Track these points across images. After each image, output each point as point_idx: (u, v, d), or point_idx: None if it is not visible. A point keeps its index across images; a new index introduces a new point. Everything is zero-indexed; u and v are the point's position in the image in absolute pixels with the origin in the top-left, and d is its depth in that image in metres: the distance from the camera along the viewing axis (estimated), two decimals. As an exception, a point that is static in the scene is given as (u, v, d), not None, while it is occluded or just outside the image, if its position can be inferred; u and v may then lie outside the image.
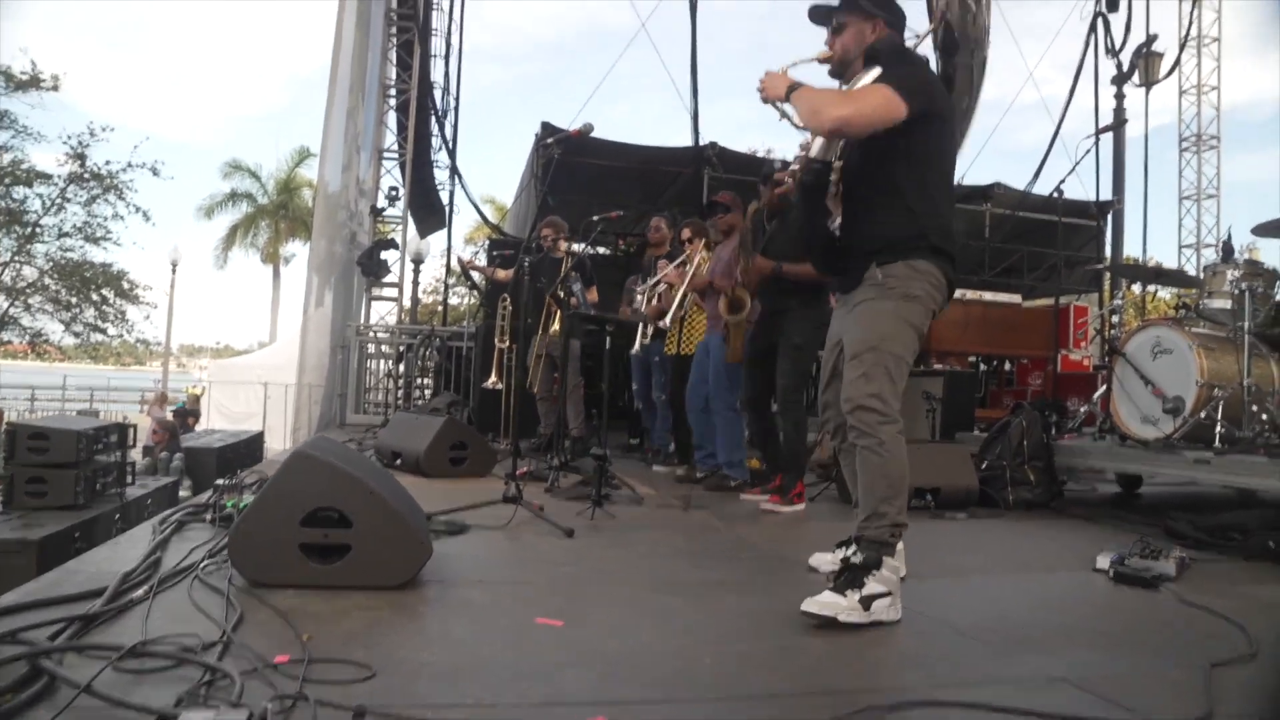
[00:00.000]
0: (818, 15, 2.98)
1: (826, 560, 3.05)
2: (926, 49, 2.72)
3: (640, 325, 5.96)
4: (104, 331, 19.34)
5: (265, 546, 2.51)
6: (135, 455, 7.22)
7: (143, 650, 1.90)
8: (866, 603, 2.47)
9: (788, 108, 2.71)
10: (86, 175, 17.53)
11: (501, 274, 7.51)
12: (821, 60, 2.93)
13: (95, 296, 18.76)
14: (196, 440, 9.32)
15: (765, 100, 2.77)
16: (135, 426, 5.87)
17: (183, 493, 6.84)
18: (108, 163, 17.67)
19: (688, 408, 5.48)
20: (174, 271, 21.78)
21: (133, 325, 19.60)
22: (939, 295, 2.76)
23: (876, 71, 2.73)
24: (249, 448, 8.98)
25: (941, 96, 2.85)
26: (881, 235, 2.78)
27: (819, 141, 2.82)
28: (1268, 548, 3.58)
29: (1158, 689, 2.03)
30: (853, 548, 2.66)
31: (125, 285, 19.10)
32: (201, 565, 2.63)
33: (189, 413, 14.59)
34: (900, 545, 2.69)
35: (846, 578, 2.53)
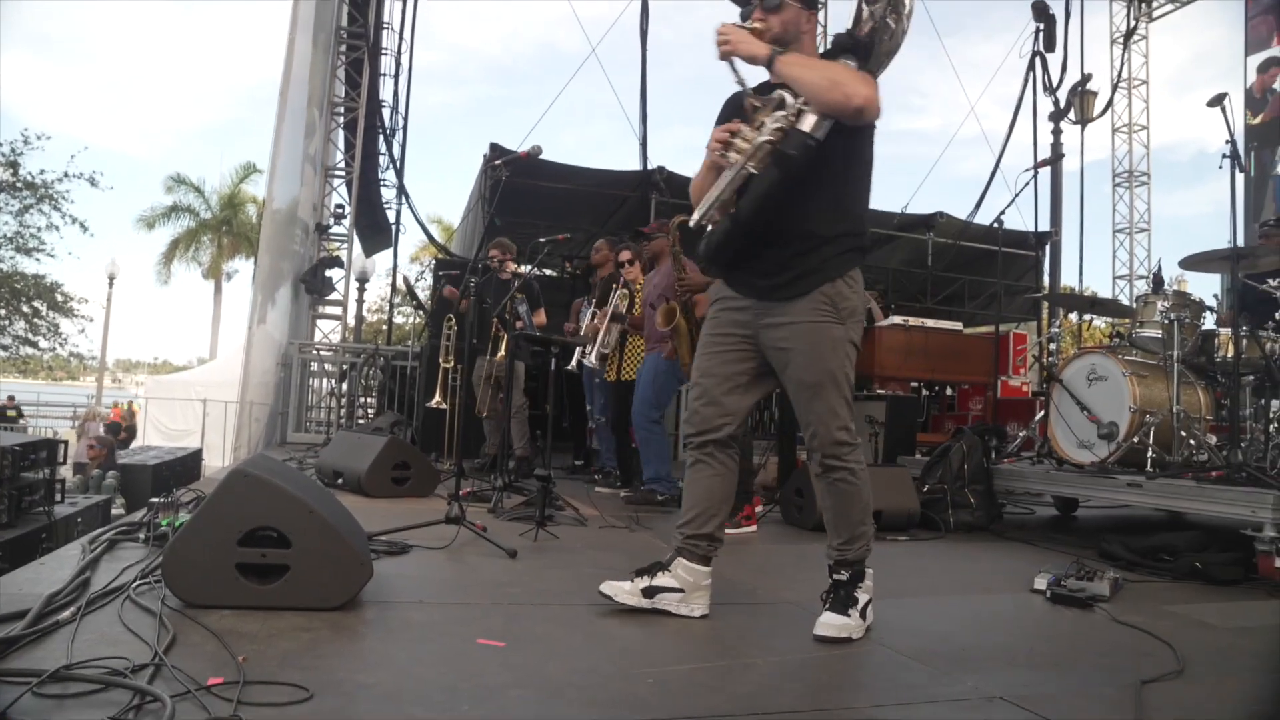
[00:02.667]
0: None
1: (624, 589, 2.77)
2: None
3: (581, 346, 6.01)
4: (35, 345, 18.76)
5: (201, 566, 2.44)
6: (66, 472, 6.99)
7: (66, 674, 1.82)
8: (864, 613, 2.64)
9: (741, 66, 2.52)
10: (19, 184, 17.03)
11: (465, 303, 7.24)
12: (752, 32, 2.59)
13: (26, 309, 18.20)
14: (131, 457, 9.05)
15: (726, 57, 2.52)
16: (66, 442, 5.68)
17: (116, 511, 6.62)
18: (42, 172, 17.22)
19: (634, 425, 5.50)
20: (111, 285, 21.26)
21: (66, 339, 19.08)
22: (865, 301, 2.78)
23: (848, 61, 2.51)
24: (186, 465, 8.74)
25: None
26: (816, 240, 2.61)
27: (813, 118, 2.46)
28: (1195, 568, 3.69)
29: (1091, 705, 2.08)
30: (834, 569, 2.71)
31: (59, 298, 18.59)
32: (133, 585, 2.54)
33: (118, 427, 14.14)
34: None
35: (842, 596, 2.63)
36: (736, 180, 2.56)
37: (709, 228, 2.72)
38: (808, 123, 2.47)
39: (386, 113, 12.21)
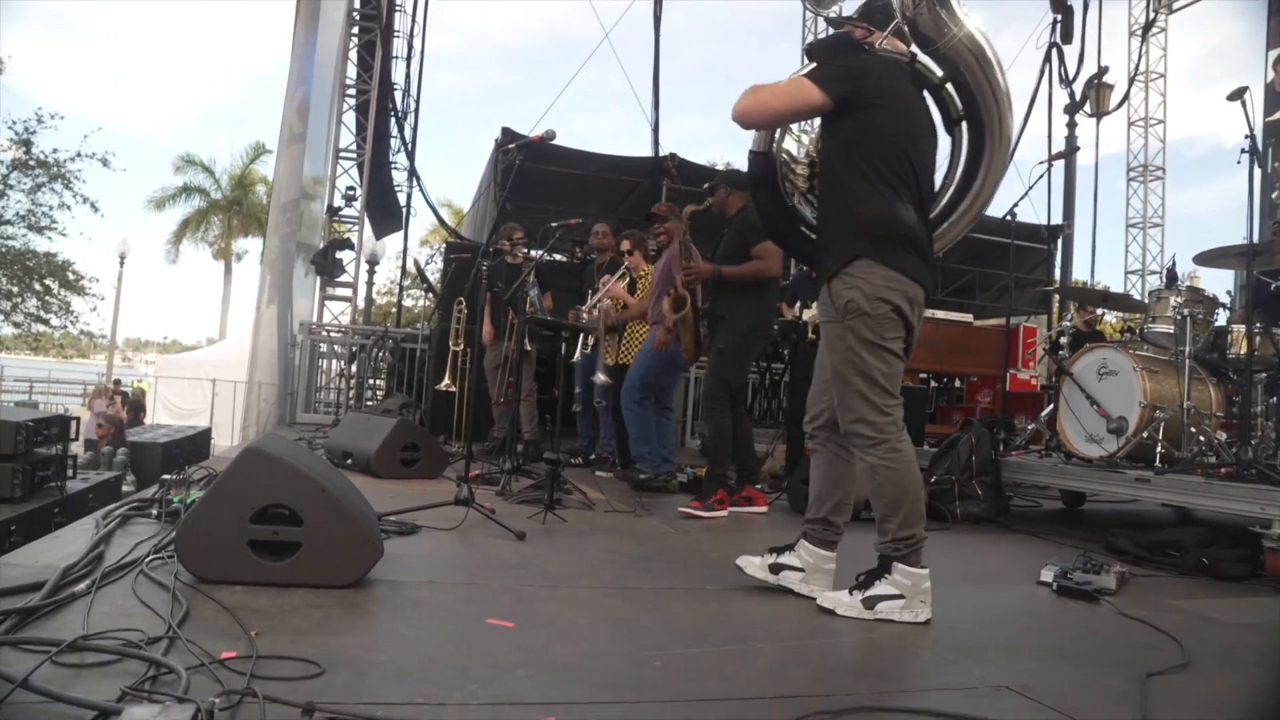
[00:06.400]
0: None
1: (754, 563, 2.94)
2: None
3: (581, 335, 6.00)
4: (46, 322, 18.89)
5: (213, 542, 2.46)
6: (77, 448, 7.04)
7: (84, 644, 1.85)
8: (870, 603, 2.62)
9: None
10: (32, 162, 17.12)
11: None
12: None
13: (38, 286, 18.31)
14: (142, 435, 9.12)
15: None
16: (77, 419, 5.72)
17: (126, 488, 6.68)
18: (55, 151, 17.32)
19: (622, 405, 5.53)
20: (122, 264, 21.32)
21: (77, 317, 19.20)
22: (888, 288, 2.64)
23: (809, 68, 2.84)
24: (195, 444, 8.81)
25: (876, 82, 2.71)
26: (828, 238, 2.82)
27: (754, 133, 2.98)
28: (1201, 564, 3.69)
29: (1096, 697, 2.09)
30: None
31: (70, 276, 18.70)
32: (147, 560, 2.57)
33: (137, 405, 14.23)
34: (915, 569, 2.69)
35: (861, 580, 2.70)
36: None
37: None
38: (752, 139, 3.03)
39: (398, 95, 12.19)
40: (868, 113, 2.69)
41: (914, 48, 2.86)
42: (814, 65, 2.82)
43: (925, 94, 2.92)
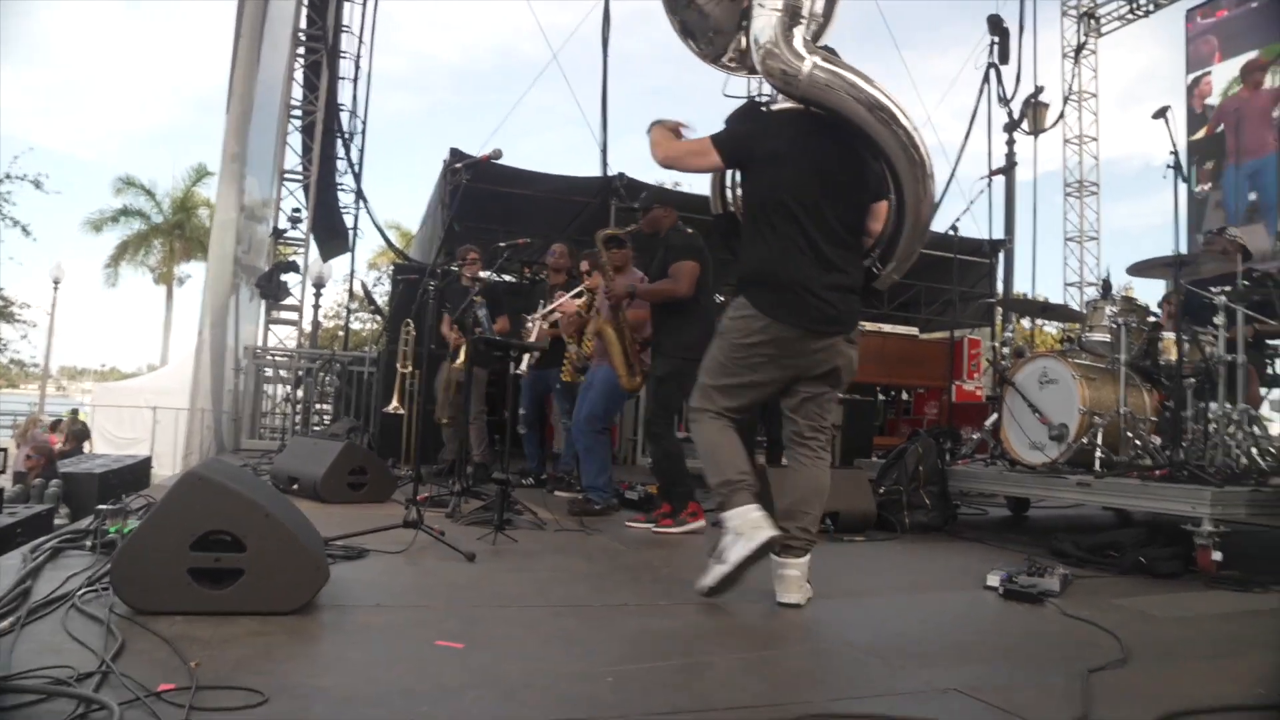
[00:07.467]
0: None
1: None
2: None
3: (526, 353, 5.93)
4: (-28, 351, 18.26)
5: (151, 571, 2.39)
6: (5, 481, 6.81)
7: (5, 685, 1.76)
8: (720, 556, 2.85)
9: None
10: (-44, 185, 16.61)
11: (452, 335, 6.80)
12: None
13: (-37, 314, 17.72)
14: (77, 466, 8.83)
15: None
16: (5, 451, 5.52)
17: (59, 521, 6.45)
18: (-19, 172, 16.79)
19: (577, 433, 5.47)
20: (56, 289, 20.75)
21: (6, 344, 18.62)
22: (747, 323, 3.00)
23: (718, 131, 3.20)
24: (134, 474, 8.56)
25: (753, 145, 3.08)
26: None
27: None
28: (1139, 563, 3.80)
29: (1040, 694, 2.13)
30: None
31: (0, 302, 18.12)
32: (79, 593, 2.48)
33: (78, 434, 13.69)
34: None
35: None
36: None
37: None
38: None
39: (345, 117, 12.08)
40: (749, 172, 3.13)
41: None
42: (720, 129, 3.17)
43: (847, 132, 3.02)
